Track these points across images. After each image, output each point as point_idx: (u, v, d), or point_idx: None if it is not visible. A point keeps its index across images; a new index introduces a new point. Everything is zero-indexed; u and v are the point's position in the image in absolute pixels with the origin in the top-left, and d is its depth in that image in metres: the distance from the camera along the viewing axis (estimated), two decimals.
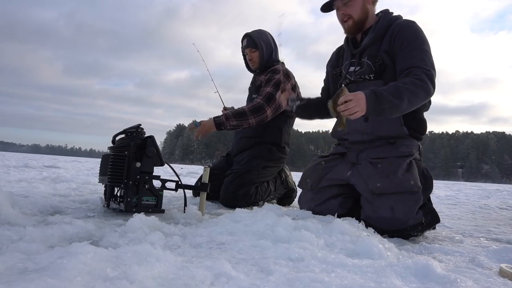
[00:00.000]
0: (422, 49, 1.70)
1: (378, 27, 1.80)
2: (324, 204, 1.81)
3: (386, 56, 1.75)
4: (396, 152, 1.74)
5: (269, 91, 2.41)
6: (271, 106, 2.40)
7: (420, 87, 1.59)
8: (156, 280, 0.81)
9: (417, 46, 1.70)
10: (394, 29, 1.76)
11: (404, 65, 1.69)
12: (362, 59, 1.83)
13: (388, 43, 1.76)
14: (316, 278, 0.87)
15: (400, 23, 1.78)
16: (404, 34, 1.73)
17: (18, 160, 10.64)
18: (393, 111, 1.59)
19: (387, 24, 1.79)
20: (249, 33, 2.58)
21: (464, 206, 3.85)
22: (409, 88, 1.58)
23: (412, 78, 1.61)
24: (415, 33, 1.74)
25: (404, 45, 1.71)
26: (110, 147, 1.80)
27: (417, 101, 1.62)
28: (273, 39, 2.63)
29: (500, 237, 1.86)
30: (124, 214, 1.63)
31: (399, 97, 1.56)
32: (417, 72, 1.63)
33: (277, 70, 2.51)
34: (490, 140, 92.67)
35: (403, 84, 1.59)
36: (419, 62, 1.66)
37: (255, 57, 2.57)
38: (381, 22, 1.80)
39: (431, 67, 1.67)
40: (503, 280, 1.01)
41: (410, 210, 1.61)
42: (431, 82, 1.64)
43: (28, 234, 1.11)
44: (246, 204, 2.32)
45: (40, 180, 3.46)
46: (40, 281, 0.69)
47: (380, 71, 1.77)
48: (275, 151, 2.54)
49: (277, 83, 2.42)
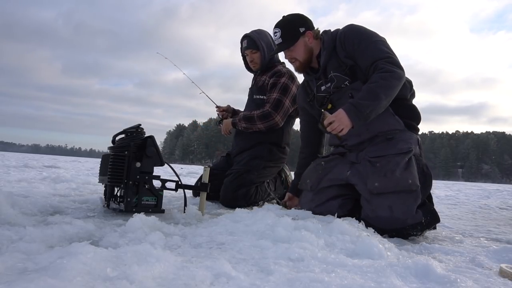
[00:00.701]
0: (372, 41, 1.80)
1: (326, 45, 1.90)
2: (324, 205, 1.81)
3: (348, 60, 1.85)
4: (395, 150, 1.73)
5: (276, 97, 2.44)
6: (279, 113, 2.44)
7: (390, 77, 1.69)
8: (156, 280, 0.81)
9: (367, 41, 1.80)
10: (340, 39, 1.87)
11: (366, 63, 1.79)
12: (329, 75, 1.92)
13: (342, 50, 1.86)
14: (316, 278, 0.87)
15: (342, 31, 1.89)
16: (350, 37, 1.84)
17: (18, 160, 10.64)
18: (377, 111, 1.69)
19: (332, 39, 1.90)
20: (248, 34, 2.57)
21: (464, 206, 3.85)
22: (381, 84, 1.68)
23: (379, 73, 1.70)
24: (358, 31, 1.85)
25: (356, 45, 1.81)
26: (110, 147, 1.80)
27: (394, 90, 1.71)
28: (272, 39, 2.63)
29: (500, 237, 1.86)
30: (124, 214, 1.63)
31: (376, 97, 1.67)
32: (380, 65, 1.72)
33: (281, 72, 2.51)
34: (490, 140, 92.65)
35: (374, 83, 1.69)
36: (377, 54, 1.76)
37: (256, 58, 2.57)
38: (326, 41, 1.91)
39: (389, 52, 1.77)
40: (503, 280, 1.01)
41: (409, 209, 1.61)
42: (397, 66, 1.73)
43: (28, 234, 1.11)
44: (246, 204, 2.32)
45: (40, 180, 3.46)
46: (40, 281, 0.69)
47: (352, 74, 1.85)
48: (276, 151, 2.55)
49: (284, 88, 2.45)
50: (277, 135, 2.56)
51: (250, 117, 2.46)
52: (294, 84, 2.49)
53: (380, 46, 1.79)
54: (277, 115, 2.43)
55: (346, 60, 1.85)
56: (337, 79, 1.89)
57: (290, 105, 2.47)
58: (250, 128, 2.50)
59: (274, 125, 2.46)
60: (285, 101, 2.45)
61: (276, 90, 2.46)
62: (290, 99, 2.47)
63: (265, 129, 2.47)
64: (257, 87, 2.59)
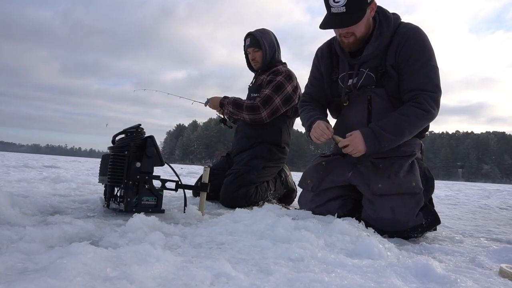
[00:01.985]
0: (429, 66, 1.63)
1: (382, 37, 1.67)
2: (324, 205, 1.80)
3: (391, 70, 1.68)
4: (398, 152, 1.72)
5: (267, 94, 2.42)
6: (267, 109, 2.41)
7: (423, 117, 1.61)
8: (156, 280, 0.81)
9: (424, 63, 1.63)
10: (399, 40, 1.65)
11: (409, 86, 1.64)
12: (361, 69, 1.74)
13: (393, 56, 1.66)
14: (316, 278, 0.87)
15: (405, 32, 1.66)
16: (410, 48, 1.63)
17: (18, 160, 10.64)
18: (392, 146, 1.64)
19: (391, 32, 1.67)
20: (252, 32, 2.58)
21: (464, 206, 3.85)
22: (411, 123, 1.60)
23: (415, 108, 1.61)
24: (422, 45, 1.65)
25: (411, 61, 1.63)
26: (110, 147, 1.80)
27: (418, 129, 1.66)
28: (276, 39, 2.63)
29: (500, 237, 1.86)
30: (124, 214, 1.63)
31: (400, 133, 1.61)
32: (421, 99, 1.60)
33: (280, 71, 2.51)
34: (490, 140, 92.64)
35: (405, 117, 1.60)
36: (426, 85, 1.62)
37: (258, 57, 2.57)
38: (384, 31, 1.67)
39: (437, 87, 1.64)
40: (503, 280, 1.01)
41: (411, 211, 1.60)
42: (436, 105, 1.63)
43: (28, 234, 1.11)
44: (246, 204, 2.32)
45: (40, 180, 3.45)
46: (40, 281, 0.69)
47: (382, 79, 1.71)
48: (275, 151, 2.55)
49: (277, 86, 2.44)
50: (275, 134, 2.55)
51: (239, 105, 2.47)
52: (290, 84, 2.47)
53: (433, 74, 1.63)
54: (264, 111, 2.41)
55: (389, 68, 1.67)
56: (366, 78, 1.72)
57: (280, 104, 2.44)
58: (235, 115, 2.51)
59: (259, 120, 2.44)
60: (276, 99, 2.42)
61: (270, 86, 2.45)
62: (282, 98, 2.44)
63: (249, 120, 2.47)
64: (256, 86, 2.61)
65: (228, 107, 2.50)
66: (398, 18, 1.76)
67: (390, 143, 1.62)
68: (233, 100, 2.50)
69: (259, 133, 2.53)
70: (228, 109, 2.51)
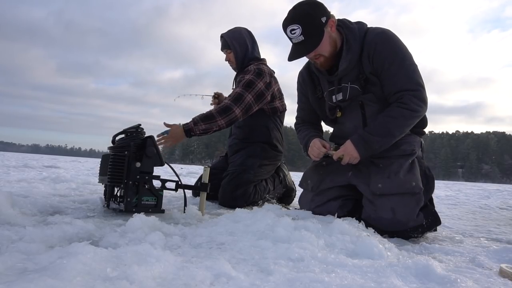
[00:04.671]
0: (404, 66, 1.66)
1: (352, 51, 1.70)
2: (324, 205, 1.80)
3: (372, 76, 1.71)
4: (398, 151, 1.71)
5: (237, 91, 2.36)
6: (239, 106, 2.32)
7: (410, 117, 1.64)
8: (156, 280, 0.81)
9: (399, 64, 1.65)
10: (369, 49, 1.68)
11: (392, 89, 1.67)
12: (342, 84, 1.78)
13: (368, 64, 1.70)
14: (316, 278, 0.87)
15: (372, 39, 1.69)
16: (381, 54, 1.66)
17: (18, 160, 10.64)
18: (385, 146, 1.67)
19: (359, 43, 1.71)
20: (223, 34, 2.57)
21: (464, 206, 3.85)
22: (399, 123, 1.64)
23: (402, 109, 1.63)
24: (391, 48, 1.67)
25: (386, 65, 1.66)
26: (110, 147, 1.80)
27: (409, 128, 1.68)
28: (250, 36, 2.59)
29: (500, 237, 1.86)
30: (124, 214, 1.63)
31: (389, 134, 1.65)
32: (406, 99, 1.63)
33: (249, 70, 2.46)
34: (490, 140, 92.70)
35: (392, 118, 1.64)
36: (407, 84, 1.64)
37: (232, 58, 2.57)
38: (352, 44, 1.70)
39: (418, 84, 1.66)
40: (503, 280, 1.01)
41: (411, 211, 1.60)
42: (422, 102, 1.65)
43: (28, 234, 1.11)
44: (245, 203, 2.32)
45: (40, 180, 3.45)
46: (40, 281, 0.69)
47: (366, 84, 1.74)
48: (269, 149, 2.55)
49: (247, 83, 2.38)
50: (264, 134, 2.54)
51: (209, 116, 2.24)
52: (261, 81, 2.41)
53: (411, 74, 1.65)
54: (236, 108, 2.31)
55: (369, 75, 1.70)
56: (352, 91, 1.76)
57: (253, 100, 2.37)
58: (211, 129, 2.25)
59: (234, 119, 2.32)
60: (247, 96, 2.35)
61: (239, 86, 2.40)
62: (254, 94, 2.37)
63: (226, 125, 2.30)
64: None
65: (199, 126, 2.21)
66: (363, 26, 1.77)
67: (381, 144, 1.66)
68: (200, 117, 2.24)
69: (247, 134, 2.54)
70: (200, 128, 2.21)
